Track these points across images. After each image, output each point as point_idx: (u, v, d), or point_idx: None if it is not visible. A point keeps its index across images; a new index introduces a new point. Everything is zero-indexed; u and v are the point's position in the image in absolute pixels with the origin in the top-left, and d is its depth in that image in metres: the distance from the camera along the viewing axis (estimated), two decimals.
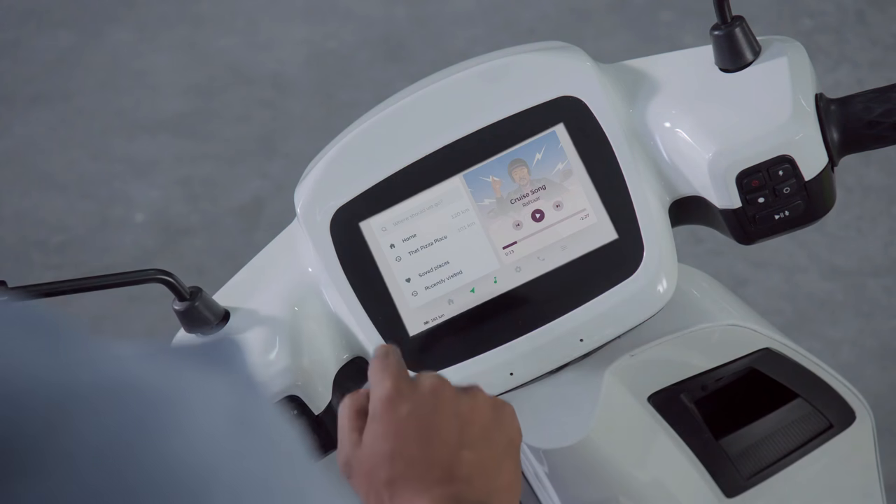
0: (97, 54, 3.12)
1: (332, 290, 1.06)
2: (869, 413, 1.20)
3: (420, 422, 0.86)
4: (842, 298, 2.37)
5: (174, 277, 1.03)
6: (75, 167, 2.89)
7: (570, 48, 1.07)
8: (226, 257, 2.65)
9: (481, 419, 0.88)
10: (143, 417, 0.46)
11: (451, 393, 0.88)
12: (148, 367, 0.48)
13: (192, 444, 0.46)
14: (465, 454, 0.86)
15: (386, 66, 2.95)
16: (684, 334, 1.10)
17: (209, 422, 0.47)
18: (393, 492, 0.84)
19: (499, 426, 0.89)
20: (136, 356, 0.48)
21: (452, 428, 0.86)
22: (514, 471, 0.88)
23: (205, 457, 0.46)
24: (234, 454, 0.47)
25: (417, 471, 0.84)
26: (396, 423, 0.86)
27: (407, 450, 0.85)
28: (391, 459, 0.85)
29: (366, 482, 0.86)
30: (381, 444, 0.86)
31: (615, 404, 1.10)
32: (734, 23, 1.03)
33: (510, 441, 0.89)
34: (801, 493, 1.20)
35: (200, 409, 0.47)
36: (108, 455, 0.45)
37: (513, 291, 1.04)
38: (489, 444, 0.87)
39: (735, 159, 1.01)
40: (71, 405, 0.45)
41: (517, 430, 0.90)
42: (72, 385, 0.45)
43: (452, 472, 0.85)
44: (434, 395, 0.87)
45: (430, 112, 1.06)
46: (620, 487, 1.12)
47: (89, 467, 0.44)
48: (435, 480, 0.84)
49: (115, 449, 0.45)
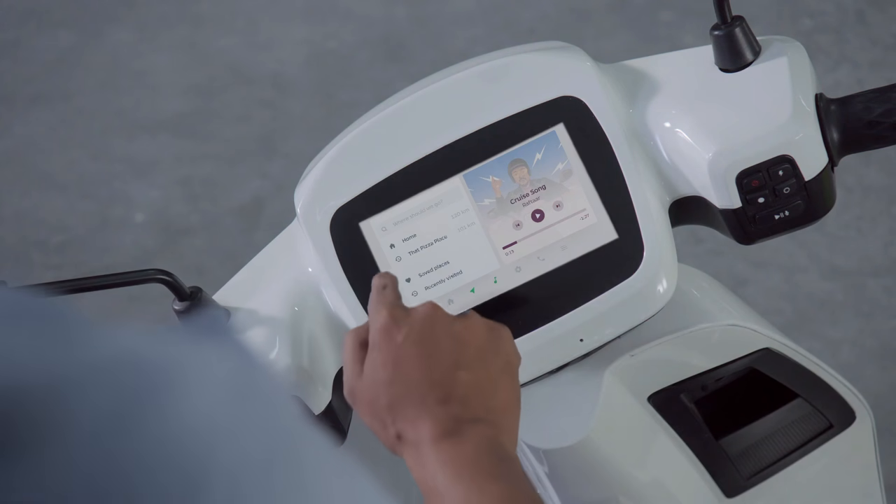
0: (97, 54, 3.12)
1: (332, 290, 1.06)
2: (869, 413, 1.20)
3: (416, 346, 0.90)
4: (842, 298, 2.37)
5: (174, 277, 1.03)
6: (75, 167, 2.89)
7: (570, 48, 1.07)
8: (226, 257, 2.65)
9: (476, 340, 0.91)
10: (139, 396, 0.46)
11: (446, 317, 0.92)
12: (142, 343, 0.48)
13: (189, 422, 0.46)
14: (460, 374, 0.89)
15: (386, 66, 2.95)
16: (684, 334, 1.10)
17: (206, 396, 0.47)
18: (394, 415, 0.88)
19: (494, 347, 0.92)
20: (128, 334, 0.48)
21: (448, 350, 0.90)
22: (510, 390, 0.91)
23: (202, 436, 0.46)
24: (232, 431, 0.47)
25: (416, 393, 0.88)
26: (394, 349, 0.90)
27: (405, 374, 0.89)
28: (390, 385, 0.89)
29: (369, 409, 0.90)
30: (381, 371, 0.90)
31: (615, 404, 1.10)
32: (734, 23, 1.03)
33: (506, 362, 0.92)
34: (801, 493, 1.20)
35: (197, 384, 0.47)
36: (102, 436, 0.44)
37: (513, 291, 1.04)
38: (485, 365, 0.90)
39: (735, 159, 1.01)
40: (65, 385, 0.45)
41: (514, 352, 0.94)
42: (66, 365, 0.45)
43: (449, 393, 0.88)
44: (429, 320, 0.91)
45: (430, 112, 1.06)
46: (620, 487, 1.12)
47: (84, 448, 0.44)
48: (433, 401, 0.87)
49: (110, 429, 0.45)
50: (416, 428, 0.87)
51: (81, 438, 0.44)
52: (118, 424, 0.45)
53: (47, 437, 0.44)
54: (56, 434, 0.44)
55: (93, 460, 0.44)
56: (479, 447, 0.85)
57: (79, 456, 0.44)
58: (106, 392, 0.45)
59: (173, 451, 0.45)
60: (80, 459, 0.44)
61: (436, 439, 0.86)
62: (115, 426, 0.45)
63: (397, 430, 0.88)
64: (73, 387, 0.45)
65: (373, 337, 0.92)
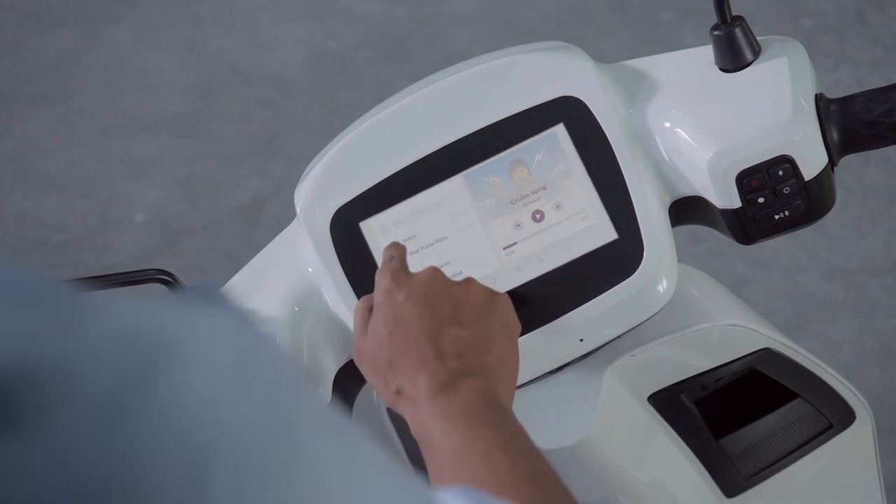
0: (97, 54, 3.12)
1: (332, 290, 1.06)
2: (869, 413, 1.20)
3: (415, 305, 0.93)
4: (842, 298, 2.37)
5: (174, 277, 1.03)
6: (75, 167, 2.89)
7: (571, 48, 1.07)
8: (226, 257, 2.65)
9: (474, 302, 0.95)
10: (142, 369, 0.46)
11: (446, 280, 0.96)
12: (142, 316, 0.48)
13: (192, 393, 0.46)
14: (455, 330, 0.92)
15: (386, 66, 2.95)
16: (684, 334, 1.10)
17: (209, 366, 0.47)
18: (394, 371, 0.92)
19: (491, 310, 0.95)
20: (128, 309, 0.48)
21: (446, 309, 0.93)
22: (506, 348, 0.94)
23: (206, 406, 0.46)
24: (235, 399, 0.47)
25: (414, 349, 0.91)
26: (394, 308, 0.94)
27: (404, 331, 0.92)
28: (390, 341, 0.93)
29: (371, 367, 0.94)
30: (381, 328, 0.94)
31: (615, 404, 1.10)
32: (734, 23, 1.03)
33: (504, 324, 0.95)
34: (801, 493, 1.20)
35: (198, 354, 0.47)
36: (108, 410, 0.45)
37: (513, 292, 1.04)
38: (482, 324, 0.94)
39: (735, 159, 1.01)
40: (69, 361, 0.45)
41: (512, 317, 0.97)
42: (69, 341, 0.46)
43: (445, 348, 0.91)
44: (429, 282, 0.95)
45: (430, 112, 1.06)
46: (620, 487, 1.12)
47: (90, 422, 0.45)
48: (430, 356, 0.91)
49: (116, 403, 0.45)
50: (414, 382, 0.90)
51: (87, 413, 0.45)
52: (123, 398, 0.45)
53: (53, 413, 0.44)
54: (61, 410, 0.44)
55: (99, 434, 0.44)
56: (473, 397, 0.88)
57: (85, 430, 0.44)
58: (110, 366, 0.46)
59: (179, 423, 0.46)
60: (86, 433, 0.44)
61: (432, 392, 0.89)
62: (120, 400, 0.45)
63: (397, 385, 0.91)
64: (78, 362, 0.45)
65: (376, 298, 0.96)
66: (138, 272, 1.01)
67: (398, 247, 0.99)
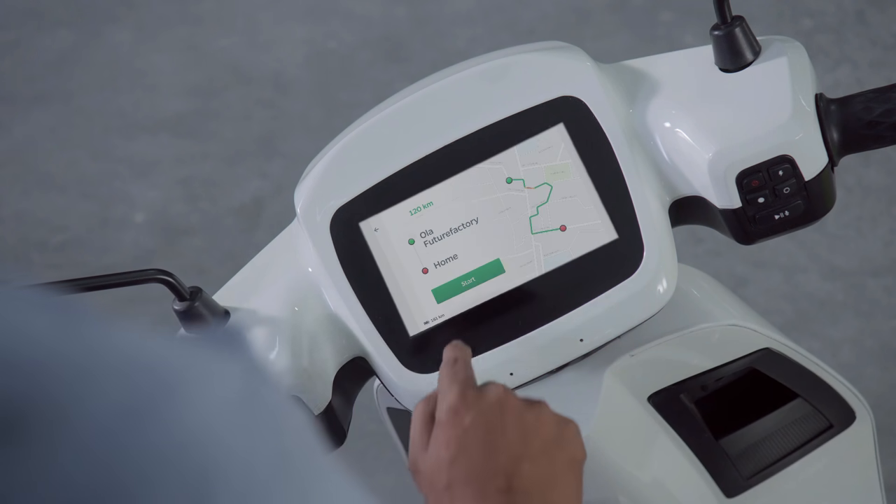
0: (97, 54, 3.12)
1: (332, 290, 1.06)
2: (869, 413, 1.20)
3: (483, 431, 0.89)
4: (842, 298, 2.37)
5: (174, 277, 1.03)
6: (75, 167, 2.89)
7: (571, 48, 1.07)
8: (226, 257, 2.65)
9: (544, 433, 0.90)
10: (153, 395, 0.46)
11: (517, 405, 0.91)
12: (159, 347, 0.48)
13: (200, 423, 0.47)
14: (525, 466, 0.88)
15: (386, 66, 2.95)
16: (684, 334, 1.10)
17: (216, 401, 0.48)
18: (453, 496, 0.88)
19: (561, 442, 0.91)
20: (142, 337, 0.49)
21: (515, 439, 0.89)
22: (573, 487, 0.90)
23: (213, 437, 0.47)
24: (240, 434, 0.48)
25: (477, 479, 0.87)
26: (460, 431, 0.89)
27: (468, 457, 0.88)
28: (451, 465, 0.88)
29: (428, 484, 0.89)
30: (444, 450, 0.89)
31: (615, 404, 1.10)
32: (734, 23, 1.02)
33: (572, 457, 0.91)
34: (801, 493, 1.20)
35: (207, 389, 0.48)
36: (116, 429, 0.45)
37: (513, 291, 1.04)
38: (550, 459, 0.89)
39: (735, 159, 1.01)
40: (81, 377, 0.45)
41: (580, 448, 0.92)
42: (83, 362, 0.46)
43: (511, 484, 0.87)
44: (499, 406, 0.90)
45: (431, 112, 1.06)
46: (620, 487, 1.12)
47: (98, 439, 0.45)
48: (494, 490, 0.87)
49: (124, 424, 0.45)
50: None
51: (95, 430, 0.45)
52: (132, 420, 0.45)
53: (61, 426, 0.44)
54: (69, 423, 0.44)
55: (106, 452, 0.45)
56: None
57: (92, 446, 0.45)
58: (121, 388, 0.46)
59: (185, 450, 0.46)
60: (93, 450, 0.45)
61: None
62: (128, 421, 0.45)
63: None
64: (89, 379, 0.45)
65: (440, 414, 0.91)
66: (138, 272, 1.01)
67: (463, 349, 0.95)
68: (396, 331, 1.04)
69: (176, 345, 0.49)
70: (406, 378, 1.04)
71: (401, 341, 1.04)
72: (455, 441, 0.89)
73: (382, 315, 1.04)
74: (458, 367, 0.93)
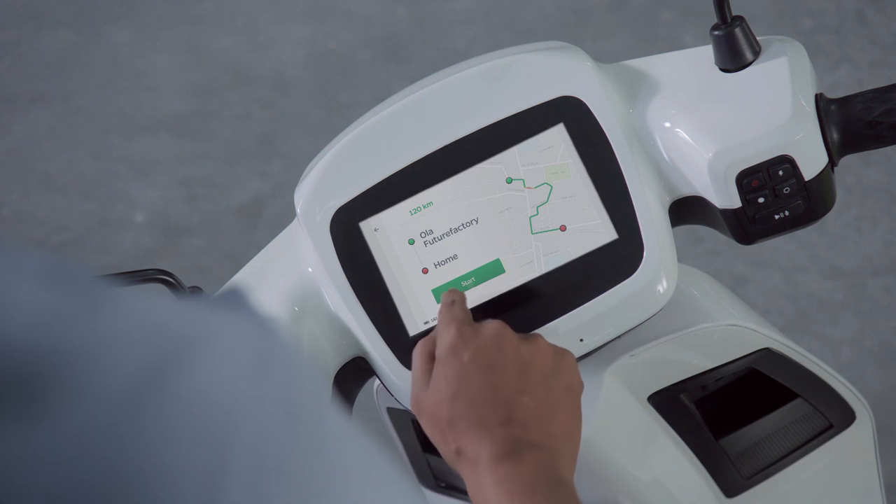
0: (97, 54, 3.12)
1: (332, 290, 1.06)
2: (869, 413, 1.20)
3: (481, 366, 0.91)
4: (842, 298, 2.37)
5: (174, 277, 1.03)
6: (75, 167, 2.89)
7: (571, 48, 1.07)
8: (226, 257, 2.65)
9: (542, 365, 0.93)
10: (165, 361, 0.46)
11: (513, 339, 0.94)
12: (168, 312, 0.48)
13: (214, 387, 0.47)
14: (523, 398, 0.90)
15: (386, 66, 2.95)
16: (684, 334, 1.10)
17: (230, 364, 0.48)
18: (455, 431, 0.90)
19: (558, 372, 0.94)
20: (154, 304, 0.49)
21: (513, 373, 0.91)
22: (571, 416, 0.93)
23: (227, 401, 0.47)
24: (255, 397, 0.48)
25: (478, 412, 0.90)
26: (459, 367, 0.92)
27: (468, 392, 0.91)
28: (453, 401, 0.91)
29: (431, 421, 0.92)
30: (445, 386, 0.92)
31: (615, 404, 1.10)
32: (734, 23, 1.02)
33: (568, 386, 0.94)
34: (801, 493, 1.20)
35: (221, 352, 0.48)
36: (130, 397, 0.45)
37: (513, 291, 1.04)
38: (548, 390, 0.92)
39: (735, 159, 1.01)
40: (93, 346, 0.45)
41: (577, 378, 0.95)
42: (94, 327, 0.46)
43: (510, 416, 0.90)
44: (496, 341, 0.93)
45: (431, 112, 1.05)
46: (620, 487, 1.12)
47: (111, 407, 0.45)
48: (494, 422, 0.89)
49: (137, 391, 0.45)
50: (475, 446, 0.89)
51: (100, 404, 0.45)
52: (145, 387, 0.45)
53: (66, 401, 0.44)
54: (75, 398, 0.44)
55: (120, 420, 0.45)
56: (534, 471, 0.87)
57: (106, 415, 0.44)
58: (133, 356, 0.46)
59: (200, 415, 0.46)
60: (106, 418, 0.44)
61: (493, 459, 0.88)
62: (142, 389, 0.45)
63: (457, 445, 0.90)
64: (102, 348, 0.46)
65: (440, 352, 0.94)
66: (138, 272, 1.01)
67: (459, 292, 0.98)
68: (396, 331, 1.04)
69: (186, 310, 0.49)
70: (406, 378, 1.04)
71: (401, 341, 1.04)
72: (455, 377, 0.91)
73: (382, 315, 1.04)
74: (456, 308, 0.96)
